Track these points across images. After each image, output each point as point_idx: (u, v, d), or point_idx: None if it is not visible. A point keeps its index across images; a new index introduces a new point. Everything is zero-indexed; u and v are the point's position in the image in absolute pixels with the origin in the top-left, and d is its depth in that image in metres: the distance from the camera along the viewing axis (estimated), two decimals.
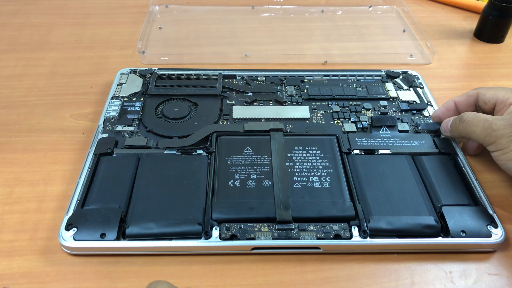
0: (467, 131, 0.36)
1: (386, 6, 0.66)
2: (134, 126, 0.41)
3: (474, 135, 0.36)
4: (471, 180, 0.37)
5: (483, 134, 0.35)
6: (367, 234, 0.32)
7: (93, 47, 0.55)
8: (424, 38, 0.57)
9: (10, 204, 0.36)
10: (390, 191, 0.35)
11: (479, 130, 0.35)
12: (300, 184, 0.36)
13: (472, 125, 0.36)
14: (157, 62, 0.53)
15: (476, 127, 0.36)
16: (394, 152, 0.39)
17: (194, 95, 0.45)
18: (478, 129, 0.35)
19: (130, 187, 0.35)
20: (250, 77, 0.48)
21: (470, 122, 0.36)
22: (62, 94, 0.47)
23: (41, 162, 0.39)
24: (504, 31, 0.58)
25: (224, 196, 0.34)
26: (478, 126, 0.36)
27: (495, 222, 0.33)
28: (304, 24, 0.61)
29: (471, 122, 0.36)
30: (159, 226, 0.32)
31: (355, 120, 0.43)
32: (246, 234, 0.32)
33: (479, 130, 0.35)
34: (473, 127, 0.36)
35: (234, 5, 0.65)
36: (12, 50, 0.54)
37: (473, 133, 0.36)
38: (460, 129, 0.37)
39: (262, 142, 0.39)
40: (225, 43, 0.57)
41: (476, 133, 0.36)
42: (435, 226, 0.33)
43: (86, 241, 0.31)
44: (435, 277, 0.32)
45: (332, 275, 0.32)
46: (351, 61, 0.54)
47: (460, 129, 0.37)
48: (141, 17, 0.61)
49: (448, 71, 0.53)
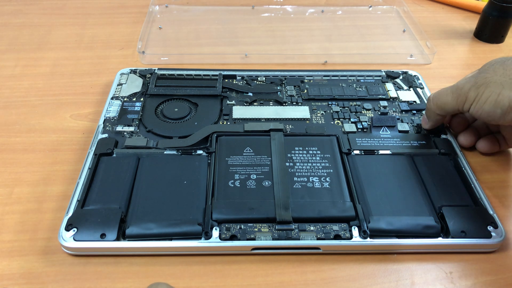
0: (440, 104, 0.38)
1: (386, 6, 0.66)
2: (134, 126, 0.41)
3: (448, 104, 0.37)
4: (471, 180, 0.37)
5: (454, 98, 0.37)
6: (367, 235, 0.32)
7: (93, 47, 0.55)
8: (424, 38, 0.57)
9: (10, 204, 0.36)
10: (390, 192, 0.35)
11: (450, 97, 0.37)
12: (300, 184, 0.36)
13: (442, 96, 0.38)
14: (157, 62, 0.53)
15: (446, 96, 0.38)
16: (394, 152, 0.39)
17: (194, 95, 0.45)
18: (448, 96, 0.37)
19: (130, 188, 0.35)
20: (250, 77, 0.48)
21: (439, 95, 0.38)
22: (62, 94, 0.47)
23: (41, 162, 0.39)
24: (504, 31, 0.58)
25: (224, 196, 0.34)
26: (447, 94, 0.38)
27: (495, 222, 0.33)
28: (304, 24, 0.61)
29: (440, 95, 0.38)
30: (159, 227, 0.32)
31: (355, 120, 0.43)
32: (246, 234, 0.32)
33: (450, 97, 0.37)
34: (443, 97, 0.38)
35: (234, 5, 0.64)
36: (12, 50, 0.54)
37: (447, 103, 0.38)
38: (434, 107, 0.39)
39: (262, 142, 0.39)
40: (225, 43, 0.57)
41: (448, 100, 0.37)
42: (435, 226, 0.33)
43: (86, 241, 0.31)
44: (435, 277, 0.32)
45: (332, 275, 0.32)
46: (351, 61, 0.54)
47: (434, 107, 0.39)
48: (141, 17, 0.61)
49: (448, 71, 0.53)
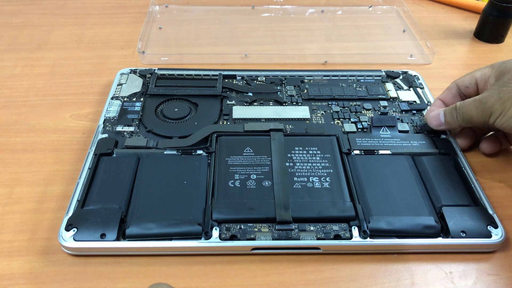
0: (465, 117, 0.38)
1: (386, 6, 0.66)
2: (134, 126, 0.41)
3: (473, 118, 0.38)
4: (471, 180, 0.37)
5: (480, 112, 0.37)
6: (367, 235, 0.32)
7: (93, 47, 0.55)
8: (424, 38, 0.57)
9: (10, 204, 0.36)
10: (390, 192, 0.35)
11: (475, 111, 0.37)
12: (300, 185, 0.36)
13: (467, 110, 0.38)
14: (157, 62, 0.53)
15: (471, 110, 0.37)
16: (394, 152, 0.39)
17: (194, 95, 0.45)
18: (473, 110, 0.37)
19: (130, 188, 0.35)
20: (250, 77, 0.48)
21: (464, 108, 0.38)
22: (62, 94, 0.47)
23: (41, 162, 0.39)
24: (504, 31, 0.58)
25: (224, 196, 0.34)
26: (471, 109, 0.37)
27: (495, 222, 0.33)
28: (304, 24, 0.61)
29: (464, 108, 0.38)
30: (159, 227, 0.32)
31: (355, 120, 0.43)
32: (246, 234, 0.32)
33: (475, 111, 0.37)
34: (468, 112, 0.38)
35: (234, 5, 0.64)
36: (12, 50, 0.54)
37: (472, 117, 0.38)
38: (458, 118, 0.39)
39: (262, 142, 0.39)
40: (225, 43, 0.57)
41: (473, 115, 0.37)
42: (435, 226, 0.33)
43: (86, 241, 0.31)
44: (435, 277, 0.32)
45: (332, 275, 0.32)
46: (351, 61, 0.54)
47: (458, 118, 0.39)
48: (141, 17, 0.61)
49: (448, 71, 0.53)
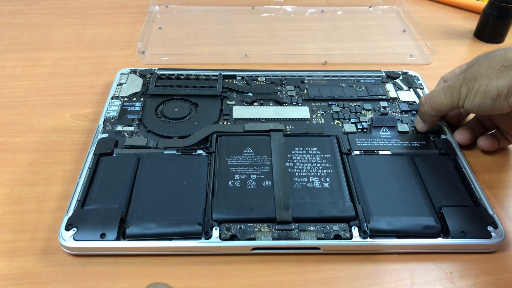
0: (436, 106, 0.38)
1: (386, 6, 0.66)
2: (134, 126, 0.41)
3: (443, 105, 0.37)
4: (471, 180, 0.37)
5: (449, 97, 0.37)
6: (367, 235, 0.32)
7: (93, 47, 0.55)
8: (424, 38, 0.57)
9: (10, 204, 0.36)
10: (390, 192, 0.35)
11: (443, 97, 0.37)
12: (300, 185, 0.36)
13: (435, 97, 0.38)
14: (157, 62, 0.53)
15: (440, 97, 0.37)
16: (394, 152, 0.39)
17: (194, 95, 0.45)
18: (442, 97, 0.37)
19: (130, 187, 0.35)
20: (250, 77, 0.48)
21: (432, 97, 0.38)
22: (62, 94, 0.47)
23: (41, 162, 0.39)
24: (504, 31, 0.58)
25: (224, 196, 0.34)
26: (440, 95, 0.37)
27: (495, 222, 0.33)
28: (304, 24, 0.61)
29: (433, 97, 0.38)
30: (159, 226, 0.32)
31: (355, 121, 0.43)
32: (246, 234, 0.32)
33: (443, 97, 0.37)
34: (437, 99, 0.37)
35: (234, 5, 0.65)
36: (12, 50, 0.54)
37: (442, 103, 0.37)
38: (429, 109, 0.38)
39: (262, 142, 0.39)
40: (225, 43, 0.57)
41: (443, 101, 0.37)
42: (435, 226, 0.33)
43: (86, 241, 0.31)
44: (435, 277, 0.32)
45: (332, 275, 0.32)
46: (351, 61, 0.54)
47: (429, 109, 0.38)
48: (141, 17, 0.61)
49: (448, 71, 0.53)
